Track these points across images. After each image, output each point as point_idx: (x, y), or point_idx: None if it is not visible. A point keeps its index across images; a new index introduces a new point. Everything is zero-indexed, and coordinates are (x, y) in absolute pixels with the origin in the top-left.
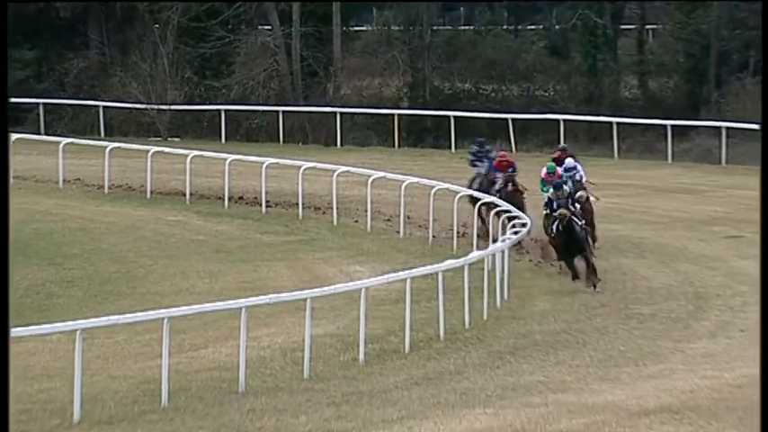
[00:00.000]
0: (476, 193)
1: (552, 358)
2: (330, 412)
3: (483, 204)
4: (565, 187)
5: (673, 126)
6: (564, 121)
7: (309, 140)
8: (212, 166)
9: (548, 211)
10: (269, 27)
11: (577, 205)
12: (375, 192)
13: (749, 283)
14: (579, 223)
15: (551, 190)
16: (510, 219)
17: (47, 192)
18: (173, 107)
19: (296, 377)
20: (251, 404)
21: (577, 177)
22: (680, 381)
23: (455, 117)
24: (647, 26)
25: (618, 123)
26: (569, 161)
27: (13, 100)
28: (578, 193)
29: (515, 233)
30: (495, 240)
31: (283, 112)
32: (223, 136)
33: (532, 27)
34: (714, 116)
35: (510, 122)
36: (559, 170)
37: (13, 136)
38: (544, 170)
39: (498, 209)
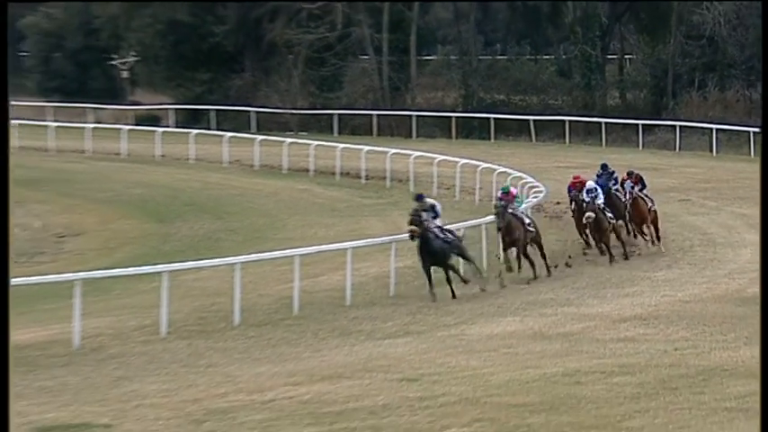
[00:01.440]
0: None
1: (559, 283)
2: (408, 319)
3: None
4: (428, 200)
5: (642, 124)
6: (568, 121)
7: (394, 134)
8: (328, 152)
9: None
10: (367, 56)
11: (525, 219)
12: (439, 169)
13: (695, 232)
14: (441, 237)
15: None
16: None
17: (216, 169)
18: (301, 111)
19: (384, 295)
20: (354, 314)
21: (598, 201)
22: (647, 298)
23: (494, 118)
24: (626, 56)
25: (605, 123)
26: (590, 183)
27: (193, 107)
28: (587, 214)
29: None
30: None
31: (377, 114)
32: (335, 131)
33: (547, 57)
34: (671, 117)
35: (531, 123)
36: (513, 190)
37: (194, 131)
38: (500, 192)
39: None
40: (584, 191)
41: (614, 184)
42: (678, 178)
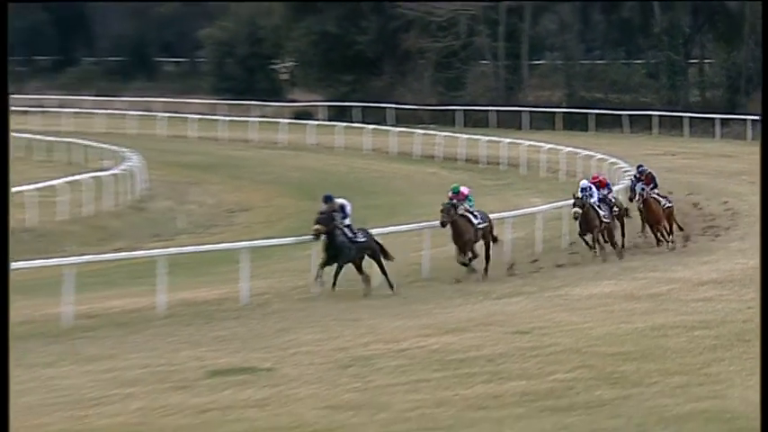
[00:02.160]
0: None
1: (647, 252)
2: (520, 282)
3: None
4: (337, 201)
5: (720, 118)
6: (659, 116)
7: (508, 127)
8: (453, 141)
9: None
10: (486, 61)
11: (473, 218)
12: (546, 156)
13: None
14: (349, 236)
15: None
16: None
17: (359, 156)
18: (431, 107)
19: (500, 262)
20: (474, 277)
21: (592, 200)
22: (723, 264)
23: (593, 113)
24: (705, 60)
25: (689, 117)
26: (584, 183)
27: (340, 104)
28: (573, 210)
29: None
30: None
31: (494, 110)
32: (459, 124)
33: (638, 61)
34: (743, 112)
35: (626, 117)
36: (464, 189)
37: (341, 124)
38: (450, 192)
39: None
40: (579, 189)
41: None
42: (749, 164)
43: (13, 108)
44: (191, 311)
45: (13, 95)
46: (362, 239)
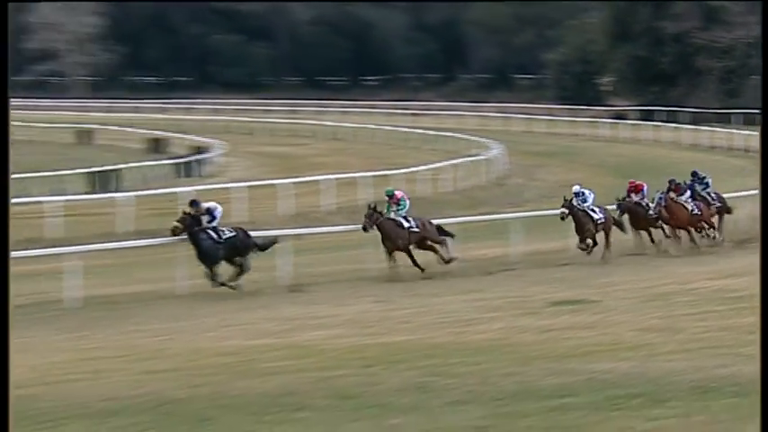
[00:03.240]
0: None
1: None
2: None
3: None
4: (204, 205)
5: None
6: None
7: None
8: (731, 136)
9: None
10: (757, 76)
11: (405, 222)
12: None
13: None
14: (213, 237)
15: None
16: None
17: (660, 147)
18: (716, 111)
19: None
20: (744, 236)
21: (587, 204)
22: None
23: None
24: None
25: None
26: (576, 188)
27: (647, 108)
28: (560, 211)
29: None
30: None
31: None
32: (737, 123)
33: None
34: None
35: None
36: (398, 193)
37: (647, 123)
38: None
39: None
40: (573, 194)
41: (704, 188)
42: None
43: (420, 112)
44: (535, 259)
45: (408, 101)
46: (230, 235)
